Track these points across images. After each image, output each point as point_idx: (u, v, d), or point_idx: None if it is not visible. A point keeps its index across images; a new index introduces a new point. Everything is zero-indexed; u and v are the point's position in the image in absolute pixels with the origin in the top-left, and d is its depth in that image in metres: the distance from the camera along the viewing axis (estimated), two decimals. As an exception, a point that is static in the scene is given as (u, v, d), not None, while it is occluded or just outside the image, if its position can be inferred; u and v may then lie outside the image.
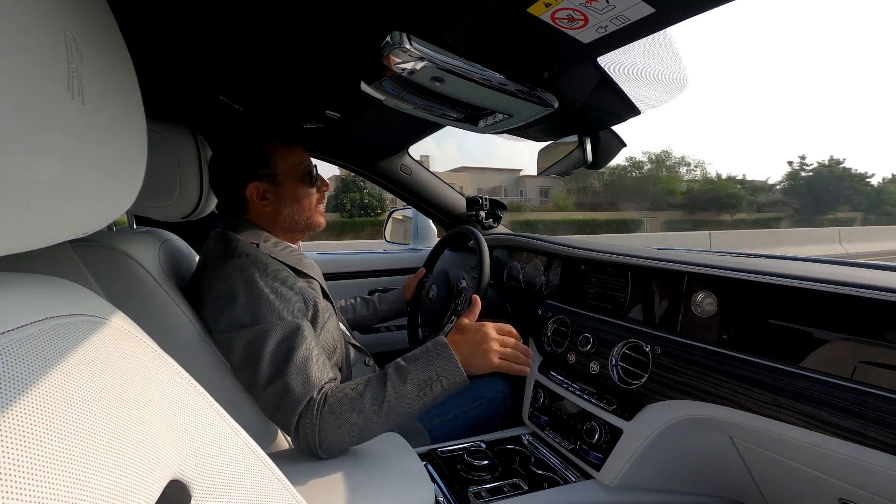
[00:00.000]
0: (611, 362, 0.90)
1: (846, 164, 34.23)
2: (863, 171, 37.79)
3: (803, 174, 34.47)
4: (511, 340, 0.77)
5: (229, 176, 0.85)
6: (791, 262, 0.90)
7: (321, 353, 0.73)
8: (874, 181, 35.05)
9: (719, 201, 29.36)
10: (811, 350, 0.64)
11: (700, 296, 0.81)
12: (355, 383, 0.70)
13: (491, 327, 0.76)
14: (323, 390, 0.69)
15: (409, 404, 0.68)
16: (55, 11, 0.24)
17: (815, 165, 34.50)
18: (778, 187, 35.73)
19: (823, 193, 32.64)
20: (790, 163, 37.29)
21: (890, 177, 42.78)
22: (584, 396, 0.94)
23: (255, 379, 0.69)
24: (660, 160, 33.72)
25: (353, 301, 1.25)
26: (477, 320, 0.79)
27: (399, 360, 0.71)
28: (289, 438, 0.80)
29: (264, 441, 0.76)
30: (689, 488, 0.85)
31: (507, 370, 0.75)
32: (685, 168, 35.32)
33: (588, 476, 0.88)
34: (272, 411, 0.70)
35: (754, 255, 1.12)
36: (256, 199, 0.84)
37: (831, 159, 34.10)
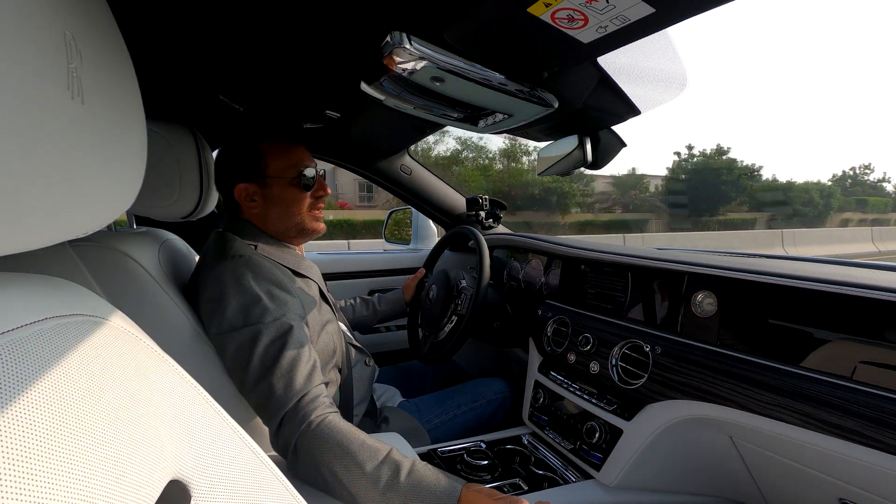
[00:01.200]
0: (611, 362, 0.90)
1: (731, 155, 28.13)
2: (750, 164, 30.13)
3: (690, 167, 28.54)
4: None
5: (223, 176, 0.86)
6: (791, 262, 0.90)
7: (313, 357, 0.72)
8: (765, 174, 29.06)
9: (541, 198, 22.94)
10: (811, 350, 0.64)
11: (700, 296, 0.81)
12: (353, 437, 0.63)
13: None
14: (316, 405, 0.66)
15: None
16: (55, 11, 0.24)
17: (699, 157, 28.48)
18: (656, 183, 29.19)
19: (708, 189, 26.53)
20: (677, 153, 31.16)
21: (840, 176, 37.68)
22: (584, 396, 0.94)
23: (244, 380, 0.69)
24: (478, 147, 24.30)
25: (352, 301, 1.25)
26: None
27: (409, 463, 0.63)
28: None
29: (265, 441, 0.76)
30: (689, 488, 0.85)
31: None
32: (527, 158, 24.55)
33: (588, 476, 0.88)
34: (259, 412, 0.70)
35: (754, 255, 1.12)
36: (245, 200, 0.84)
37: (717, 148, 28.11)
